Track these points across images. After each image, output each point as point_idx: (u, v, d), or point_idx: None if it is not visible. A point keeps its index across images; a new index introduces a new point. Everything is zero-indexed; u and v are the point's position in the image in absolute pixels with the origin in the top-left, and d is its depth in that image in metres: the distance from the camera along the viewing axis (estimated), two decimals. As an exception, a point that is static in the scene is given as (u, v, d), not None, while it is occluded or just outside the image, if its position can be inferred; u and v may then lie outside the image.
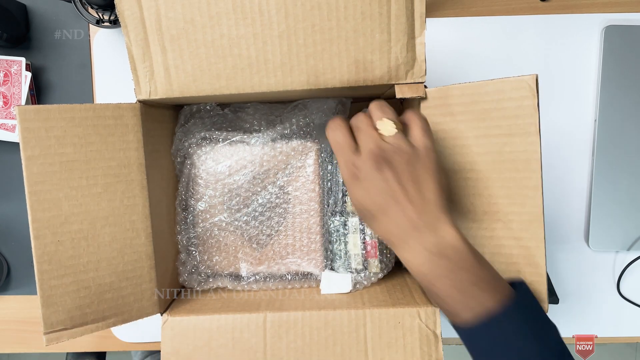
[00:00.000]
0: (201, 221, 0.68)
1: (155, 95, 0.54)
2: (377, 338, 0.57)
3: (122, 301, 0.55)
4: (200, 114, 0.68)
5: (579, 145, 0.77)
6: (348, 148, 0.46)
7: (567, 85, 0.77)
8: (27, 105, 0.49)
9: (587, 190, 0.77)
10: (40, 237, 0.50)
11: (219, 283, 0.67)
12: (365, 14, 0.51)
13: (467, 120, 0.52)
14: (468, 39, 0.77)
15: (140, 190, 0.56)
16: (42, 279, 0.50)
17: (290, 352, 0.57)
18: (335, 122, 0.48)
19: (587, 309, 0.78)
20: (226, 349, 0.57)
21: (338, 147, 0.47)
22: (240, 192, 0.66)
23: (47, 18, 0.79)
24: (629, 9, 0.76)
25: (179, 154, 0.67)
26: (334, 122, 0.48)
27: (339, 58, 0.52)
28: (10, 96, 0.76)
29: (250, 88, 0.54)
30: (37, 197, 0.50)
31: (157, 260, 0.58)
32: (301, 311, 0.57)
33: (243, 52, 0.53)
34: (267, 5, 0.51)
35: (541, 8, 0.77)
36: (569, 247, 0.78)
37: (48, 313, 0.51)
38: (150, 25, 0.52)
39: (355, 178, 0.45)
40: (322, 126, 0.66)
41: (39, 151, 0.50)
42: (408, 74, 0.53)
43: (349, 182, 0.46)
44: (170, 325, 0.57)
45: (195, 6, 0.52)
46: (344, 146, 0.47)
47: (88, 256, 0.53)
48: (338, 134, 0.47)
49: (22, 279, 0.82)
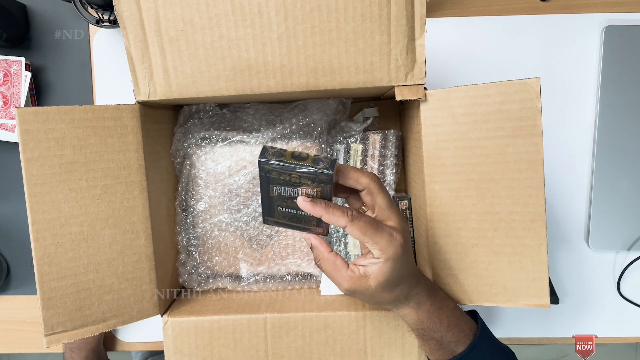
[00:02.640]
0: (201, 222, 0.68)
1: (154, 96, 0.54)
2: (377, 338, 0.57)
3: (122, 302, 0.55)
4: (199, 114, 0.68)
5: (579, 145, 0.77)
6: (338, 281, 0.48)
7: (567, 85, 0.76)
8: (27, 107, 0.49)
9: (587, 190, 0.77)
10: (40, 239, 0.50)
11: (218, 284, 0.67)
12: (365, 16, 0.51)
13: (469, 122, 0.52)
14: (468, 39, 0.77)
15: (140, 191, 0.56)
16: (42, 281, 0.50)
17: (291, 352, 0.57)
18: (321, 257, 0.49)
19: (587, 309, 0.78)
20: (228, 349, 0.57)
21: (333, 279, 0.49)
22: (240, 193, 0.66)
23: (47, 18, 0.79)
24: (629, 9, 0.76)
25: (179, 155, 0.67)
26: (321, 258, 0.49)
27: (339, 60, 0.52)
28: (10, 96, 0.76)
29: (250, 90, 0.54)
30: (37, 199, 0.50)
31: (157, 261, 0.58)
32: (301, 312, 0.57)
33: (242, 53, 0.52)
34: (267, 7, 0.51)
35: (541, 8, 0.77)
36: (569, 247, 0.78)
37: (48, 315, 0.51)
38: (149, 26, 0.52)
39: (352, 293, 0.48)
40: (324, 126, 0.66)
41: (39, 153, 0.50)
42: (408, 75, 0.53)
43: None
44: (172, 326, 0.57)
45: (194, 8, 0.52)
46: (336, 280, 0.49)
47: (88, 258, 0.53)
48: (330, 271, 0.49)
49: (22, 279, 0.82)
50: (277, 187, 0.45)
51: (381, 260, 0.45)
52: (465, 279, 0.55)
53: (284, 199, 0.47)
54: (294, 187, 0.45)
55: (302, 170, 0.43)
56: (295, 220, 0.49)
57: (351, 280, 0.46)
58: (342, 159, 0.68)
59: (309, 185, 0.44)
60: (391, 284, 0.47)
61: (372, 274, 0.46)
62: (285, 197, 0.46)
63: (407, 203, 0.67)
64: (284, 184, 0.45)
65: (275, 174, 0.44)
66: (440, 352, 0.52)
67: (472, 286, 0.55)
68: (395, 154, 0.67)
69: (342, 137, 0.68)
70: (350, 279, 0.46)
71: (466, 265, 0.54)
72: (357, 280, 0.46)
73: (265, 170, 0.44)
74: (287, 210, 0.48)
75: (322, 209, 0.44)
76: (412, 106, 0.59)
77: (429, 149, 0.54)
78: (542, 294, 0.53)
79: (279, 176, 0.44)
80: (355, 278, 0.46)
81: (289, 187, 0.45)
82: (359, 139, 0.68)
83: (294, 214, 0.48)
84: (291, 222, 0.49)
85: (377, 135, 0.67)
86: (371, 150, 0.67)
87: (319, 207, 0.44)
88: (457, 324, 0.52)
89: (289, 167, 0.43)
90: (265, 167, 0.43)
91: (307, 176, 0.43)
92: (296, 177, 0.44)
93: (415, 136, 0.58)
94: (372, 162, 0.67)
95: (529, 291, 0.53)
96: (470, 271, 0.55)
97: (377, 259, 0.45)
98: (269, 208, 0.49)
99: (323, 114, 0.66)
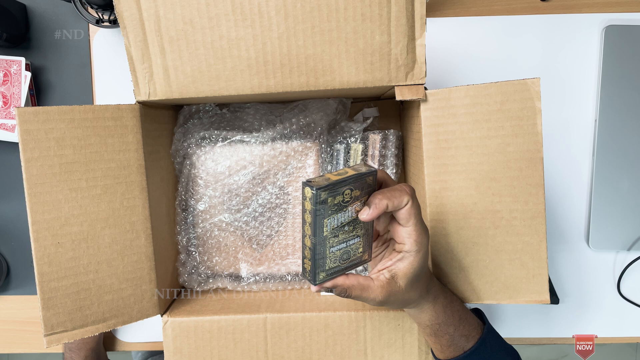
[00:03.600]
0: (201, 221, 0.68)
1: (154, 96, 0.54)
2: (377, 339, 0.57)
3: (122, 302, 0.55)
4: (199, 114, 0.68)
5: (579, 145, 0.77)
6: None
7: (567, 85, 0.76)
8: (27, 107, 0.49)
9: (587, 190, 0.77)
10: (40, 239, 0.50)
11: (218, 284, 0.67)
12: (365, 16, 0.51)
13: (470, 122, 0.52)
14: (468, 39, 0.77)
15: (140, 191, 0.56)
16: (42, 281, 0.50)
17: (291, 352, 0.57)
18: None
19: (587, 309, 0.78)
20: (228, 349, 0.57)
21: None
22: (240, 193, 0.66)
23: (47, 18, 0.79)
24: (629, 9, 0.76)
25: (178, 154, 0.67)
26: None
27: (339, 59, 0.52)
28: (10, 96, 0.76)
29: (250, 89, 0.54)
30: (37, 199, 0.50)
31: (157, 261, 0.58)
32: (301, 313, 0.57)
33: (242, 53, 0.52)
34: (267, 7, 0.51)
35: (541, 8, 0.77)
36: (569, 247, 0.78)
37: (48, 315, 0.51)
38: (149, 26, 0.52)
39: (385, 302, 0.47)
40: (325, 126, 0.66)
41: (39, 153, 0.50)
42: (408, 75, 0.53)
43: None
44: (172, 326, 0.57)
45: (194, 7, 0.51)
46: None
47: (88, 258, 0.53)
48: None
49: (22, 279, 0.82)
50: (329, 220, 0.42)
51: (414, 252, 0.44)
52: (466, 278, 0.55)
53: (336, 231, 0.43)
54: (345, 209, 0.43)
55: (352, 177, 0.41)
56: (346, 258, 0.46)
57: (384, 289, 0.45)
58: (342, 159, 0.68)
59: (358, 198, 0.43)
60: (417, 278, 0.46)
61: (400, 272, 0.45)
62: (337, 229, 0.43)
63: (407, 203, 0.67)
64: (336, 211, 0.42)
65: (330, 200, 0.41)
66: (452, 349, 0.52)
67: (472, 284, 0.55)
68: (395, 154, 0.67)
69: (342, 137, 0.68)
70: (382, 289, 0.45)
71: (467, 264, 0.55)
72: (388, 285, 0.45)
73: (321, 201, 0.41)
74: (337, 249, 0.45)
75: (383, 199, 0.42)
76: (412, 106, 0.59)
77: (429, 149, 0.54)
78: (542, 290, 0.54)
79: (333, 201, 0.41)
80: (386, 285, 0.45)
81: (340, 213, 0.43)
82: (359, 139, 0.68)
83: (344, 249, 0.45)
84: (342, 263, 0.46)
85: (377, 135, 0.67)
86: (371, 150, 0.67)
87: (381, 201, 0.42)
88: (467, 318, 0.53)
89: (338, 183, 0.41)
90: (321, 195, 0.40)
91: (358, 182, 0.42)
92: (348, 193, 0.42)
93: (416, 136, 0.58)
94: (372, 162, 0.67)
95: (529, 287, 0.54)
96: (471, 270, 0.55)
97: (410, 252, 0.44)
98: (322, 258, 0.44)
99: (323, 114, 0.66)
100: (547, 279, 0.54)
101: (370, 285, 0.45)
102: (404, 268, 0.45)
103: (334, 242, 0.44)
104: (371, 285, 0.45)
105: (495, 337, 0.54)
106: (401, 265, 0.45)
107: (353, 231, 0.44)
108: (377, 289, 0.45)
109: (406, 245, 0.44)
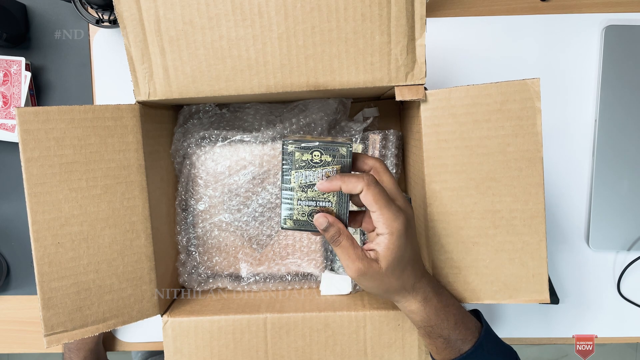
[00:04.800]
0: (201, 221, 0.68)
1: (154, 96, 0.54)
2: (377, 339, 0.57)
3: (123, 302, 0.55)
4: (199, 114, 0.68)
5: (579, 145, 0.77)
6: None
7: (567, 85, 0.77)
8: (27, 107, 0.49)
9: (587, 190, 0.77)
10: (40, 239, 0.50)
11: (218, 284, 0.67)
12: (365, 16, 0.51)
13: (470, 122, 0.52)
14: (468, 39, 0.77)
15: (140, 191, 0.56)
16: (42, 281, 0.50)
17: (291, 352, 0.57)
18: None
19: (587, 309, 0.78)
20: (228, 349, 0.57)
21: None
22: (240, 192, 0.66)
23: (47, 18, 0.79)
24: (629, 9, 0.76)
25: (178, 154, 0.67)
26: None
27: (339, 59, 0.52)
28: (10, 96, 0.76)
29: (250, 89, 0.54)
30: (37, 199, 0.50)
31: (157, 261, 0.58)
32: (301, 313, 0.57)
33: (242, 53, 0.52)
34: (267, 7, 0.51)
35: (541, 8, 0.77)
36: (569, 247, 0.78)
37: (48, 315, 0.51)
38: (149, 26, 0.52)
39: (363, 275, 0.49)
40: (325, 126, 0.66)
41: (39, 153, 0.50)
42: (408, 75, 0.53)
43: None
44: (172, 326, 0.57)
45: (194, 7, 0.52)
46: None
47: (88, 258, 0.53)
48: None
49: (22, 279, 0.82)
50: (297, 173, 0.48)
51: (387, 235, 0.46)
52: (466, 277, 0.55)
53: (304, 187, 0.48)
54: (314, 170, 0.47)
55: (325, 142, 0.46)
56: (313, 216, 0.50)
57: (363, 261, 0.47)
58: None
59: (330, 164, 0.47)
60: (399, 266, 0.48)
61: (381, 254, 0.47)
62: (304, 186, 0.48)
63: (407, 203, 0.67)
64: (305, 167, 0.47)
65: (298, 155, 0.46)
66: (448, 351, 0.52)
67: (473, 284, 0.55)
68: (395, 154, 0.67)
69: (342, 137, 0.68)
70: (362, 260, 0.47)
71: (467, 264, 0.55)
72: (368, 261, 0.47)
73: (288, 152, 0.46)
74: (306, 204, 0.49)
75: (338, 179, 0.46)
76: (412, 106, 0.59)
77: (429, 149, 0.54)
78: (542, 289, 0.54)
79: (302, 156, 0.47)
80: (366, 259, 0.47)
81: (309, 171, 0.47)
82: (359, 139, 0.68)
83: (313, 207, 0.49)
84: (310, 220, 0.50)
85: (377, 135, 0.67)
86: (371, 150, 0.67)
87: (336, 180, 0.46)
88: (463, 321, 0.52)
89: (312, 143, 0.46)
90: (289, 146, 0.46)
91: (329, 149, 0.46)
92: (318, 156, 0.47)
93: (416, 136, 0.58)
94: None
95: (529, 287, 0.54)
96: (471, 269, 0.55)
97: (383, 235, 0.46)
98: (289, 206, 0.50)
99: (323, 114, 0.66)
100: (547, 278, 0.54)
101: (357, 251, 0.47)
102: (382, 251, 0.47)
103: (303, 196, 0.49)
104: (357, 252, 0.47)
105: (492, 339, 0.54)
106: (379, 248, 0.47)
107: (323, 194, 0.49)
108: (357, 259, 0.47)
109: (378, 228, 0.47)
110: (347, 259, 0.47)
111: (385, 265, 0.47)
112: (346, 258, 0.47)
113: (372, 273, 0.47)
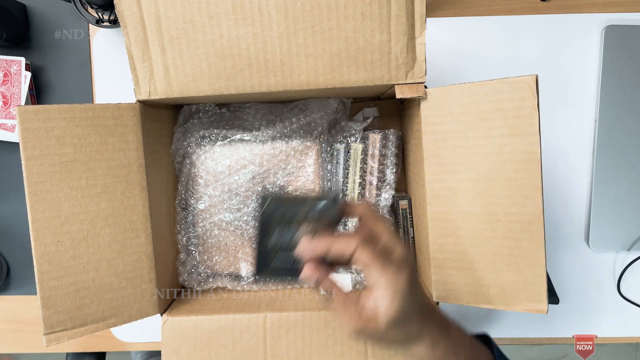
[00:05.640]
0: (201, 221, 0.68)
1: (154, 95, 0.54)
2: (377, 338, 0.57)
3: (122, 302, 0.55)
4: (199, 114, 0.68)
5: (579, 146, 0.77)
6: None
7: (567, 85, 0.77)
8: (27, 106, 0.49)
9: (587, 191, 0.77)
10: (40, 237, 0.50)
11: (218, 283, 0.67)
12: (365, 15, 0.51)
13: (467, 121, 0.52)
14: (468, 39, 0.77)
15: (140, 190, 0.56)
16: (42, 279, 0.50)
17: (291, 352, 0.57)
18: None
19: (587, 309, 0.78)
20: (226, 349, 0.57)
21: None
22: (240, 192, 0.66)
23: (47, 18, 0.79)
24: (629, 9, 0.76)
25: (178, 154, 0.67)
26: None
27: (339, 58, 0.52)
28: (10, 96, 0.76)
29: (250, 88, 0.54)
30: (37, 197, 0.50)
31: (157, 261, 0.58)
32: (301, 312, 0.57)
33: (243, 52, 0.53)
34: (267, 6, 0.51)
35: (541, 8, 0.77)
36: (569, 247, 0.78)
37: (48, 314, 0.51)
38: (149, 25, 0.52)
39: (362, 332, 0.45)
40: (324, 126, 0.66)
41: (39, 151, 0.50)
42: (408, 74, 0.53)
43: None
44: (171, 325, 0.57)
45: (194, 6, 0.52)
46: None
47: (88, 256, 0.53)
48: None
49: (22, 279, 0.82)
50: (277, 231, 0.44)
51: (389, 293, 0.41)
52: (464, 280, 0.55)
53: (282, 247, 0.44)
54: (296, 227, 0.43)
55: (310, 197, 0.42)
56: (292, 272, 0.45)
57: (360, 319, 0.42)
58: (342, 159, 0.67)
59: (311, 218, 0.43)
60: (403, 320, 0.43)
61: (381, 311, 0.42)
62: (283, 245, 0.44)
63: (407, 202, 0.67)
64: (287, 224, 0.43)
65: (280, 211, 0.42)
66: None
67: (470, 287, 0.54)
68: (395, 154, 0.67)
69: (342, 137, 0.68)
70: (358, 318, 0.43)
71: (465, 265, 0.54)
72: (365, 319, 0.42)
73: (269, 209, 0.42)
74: (282, 263, 0.45)
75: (327, 239, 0.42)
76: (413, 105, 0.59)
77: (429, 148, 0.54)
78: (540, 299, 0.51)
79: (284, 215, 0.42)
80: (363, 317, 0.42)
81: (291, 228, 0.43)
82: (359, 139, 0.68)
83: (289, 267, 0.45)
84: (288, 274, 0.46)
85: (377, 134, 0.67)
86: (371, 150, 0.67)
87: (324, 239, 0.42)
88: (475, 356, 0.49)
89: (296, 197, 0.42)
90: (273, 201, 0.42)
91: (314, 203, 0.42)
92: (303, 213, 0.43)
93: (416, 135, 0.58)
94: (372, 161, 0.67)
95: (526, 295, 0.52)
96: (469, 271, 0.54)
97: (385, 292, 0.42)
98: (264, 260, 0.46)
99: (323, 114, 0.66)
100: (545, 287, 0.51)
101: (351, 308, 0.43)
102: (384, 308, 0.42)
103: (281, 255, 0.45)
104: (351, 309, 0.43)
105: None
106: (382, 302, 0.42)
107: None
108: (353, 316, 0.43)
109: (381, 283, 0.42)
110: (342, 318, 0.43)
111: (387, 321, 0.42)
112: (340, 317, 0.43)
113: (370, 331, 0.43)
